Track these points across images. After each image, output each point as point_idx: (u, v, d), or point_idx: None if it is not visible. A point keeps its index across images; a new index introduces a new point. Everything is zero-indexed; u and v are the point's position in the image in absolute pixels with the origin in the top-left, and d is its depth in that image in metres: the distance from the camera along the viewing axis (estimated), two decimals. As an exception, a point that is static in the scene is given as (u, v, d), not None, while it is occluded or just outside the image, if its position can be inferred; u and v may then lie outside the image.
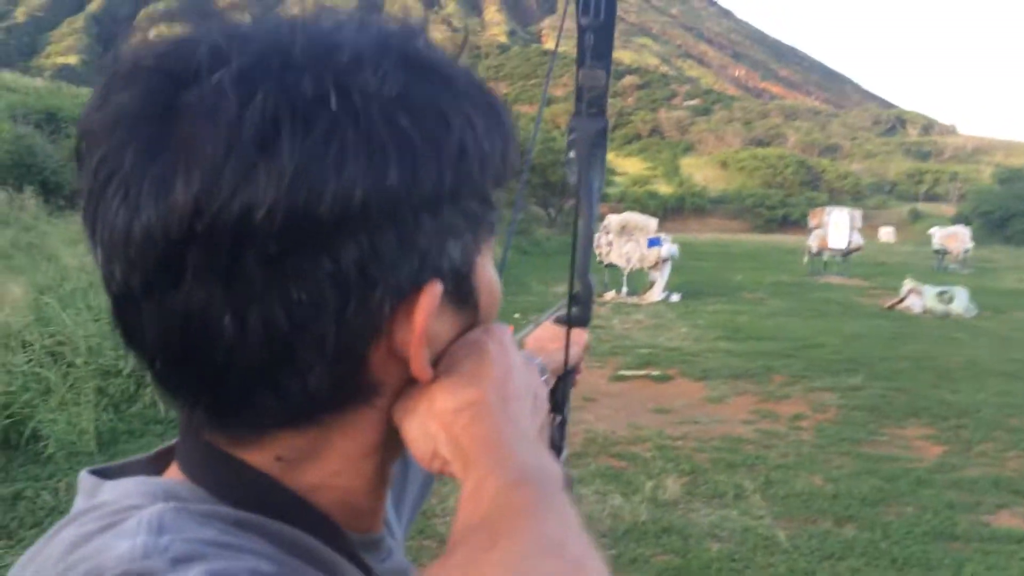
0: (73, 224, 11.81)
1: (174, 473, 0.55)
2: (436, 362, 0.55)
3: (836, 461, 6.11)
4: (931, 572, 4.24)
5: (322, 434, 0.53)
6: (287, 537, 0.51)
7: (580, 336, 1.26)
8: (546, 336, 1.24)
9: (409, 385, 0.54)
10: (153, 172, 0.44)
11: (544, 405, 0.63)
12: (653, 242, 16.73)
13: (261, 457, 0.53)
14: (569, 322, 1.19)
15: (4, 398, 5.43)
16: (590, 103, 1.13)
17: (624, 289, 16.56)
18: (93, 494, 0.53)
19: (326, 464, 0.54)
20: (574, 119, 1.21)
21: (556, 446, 1.18)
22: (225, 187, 0.44)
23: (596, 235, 17.55)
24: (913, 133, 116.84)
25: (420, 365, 0.52)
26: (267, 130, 0.44)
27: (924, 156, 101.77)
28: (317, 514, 0.54)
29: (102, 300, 7.56)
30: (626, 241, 16.89)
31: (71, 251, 9.81)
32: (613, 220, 17.36)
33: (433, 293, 0.51)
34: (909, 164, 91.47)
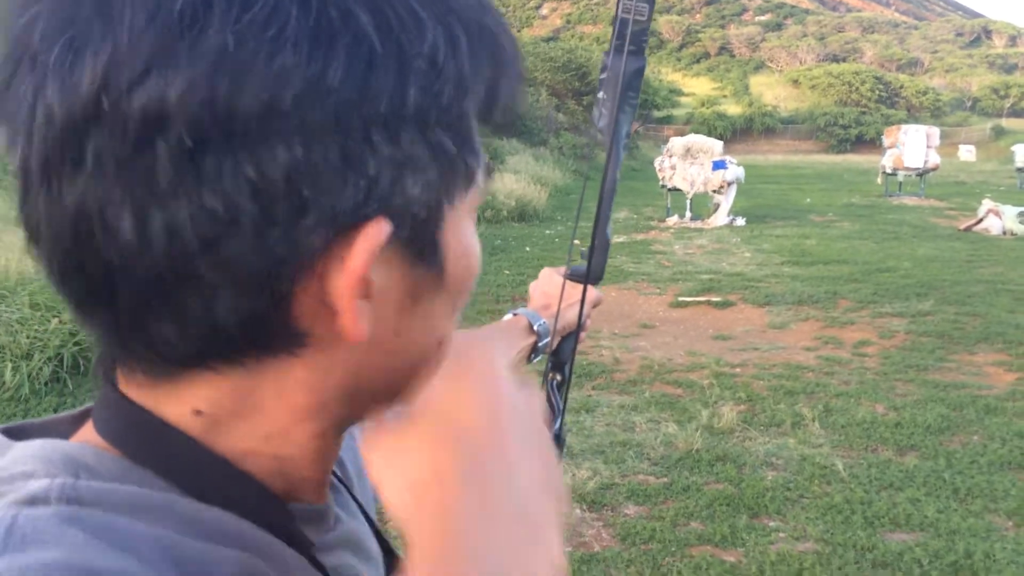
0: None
1: (87, 433, 0.48)
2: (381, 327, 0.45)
3: (900, 389, 5.93)
4: (995, 503, 4.09)
5: (243, 386, 0.45)
6: (194, 516, 0.44)
7: (590, 293, 1.16)
8: (552, 292, 1.13)
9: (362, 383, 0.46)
10: (62, 42, 0.38)
11: (548, 441, 0.52)
12: (718, 165, 16.30)
13: (178, 410, 0.45)
14: (586, 280, 1.09)
15: (71, 326, 5.59)
16: (631, 38, 1.01)
17: (688, 214, 16.24)
18: None
19: (253, 426, 0.46)
20: (608, 56, 1.08)
21: (553, 407, 1.09)
22: (139, 61, 0.37)
23: (659, 159, 17.21)
24: (999, 44, 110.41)
25: (352, 321, 0.42)
26: (198, 1, 0.37)
27: (1010, 69, 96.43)
28: (247, 480, 0.46)
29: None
30: (690, 164, 16.48)
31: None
32: (676, 143, 16.93)
33: (377, 231, 0.41)
34: (993, 77, 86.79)
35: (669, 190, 16.73)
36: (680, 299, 8.92)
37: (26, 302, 5.67)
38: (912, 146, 21.46)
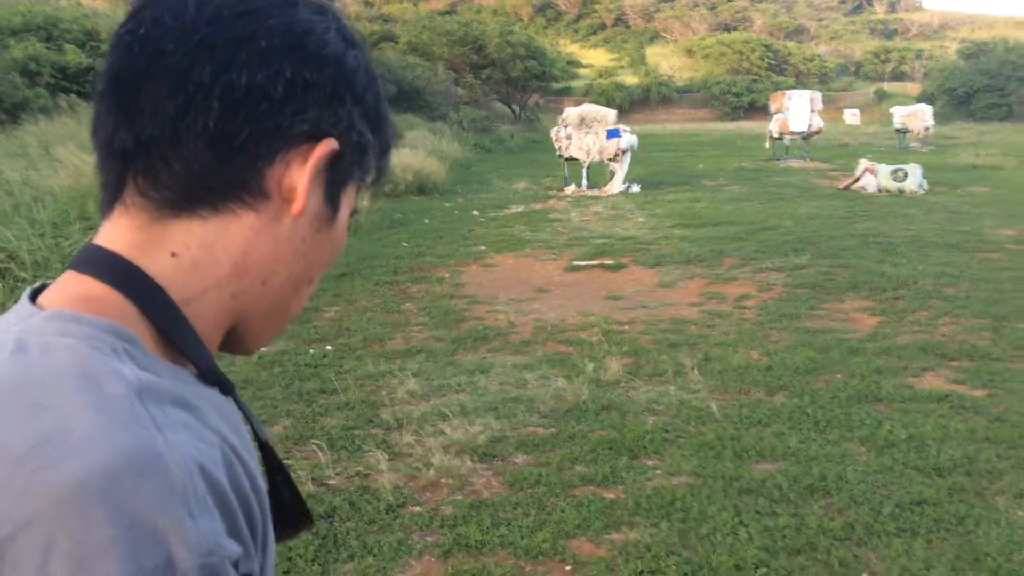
0: (15, 138, 11.54)
1: (100, 297, 0.60)
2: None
3: (774, 336, 6.32)
4: (851, 432, 4.47)
5: (208, 235, 0.62)
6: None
7: None
8: None
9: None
10: None
11: None
12: (612, 133, 16.65)
13: (159, 254, 0.62)
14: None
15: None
16: None
17: (584, 182, 16.57)
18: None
19: (201, 275, 0.62)
20: None
21: None
22: None
23: (555, 129, 17.48)
24: (879, 11, 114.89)
25: (301, 196, 0.63)
26: None
27: (890, 34, 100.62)
28: (189, 325, 0.62)
29: (47, 215, 7.51)
30: (585, 133, 16.80)
31: (13, 165, 9.62)
32: (571, 113, 17.22)
33: (331, 143, 0.64)
34: (875, 43, 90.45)
35: (566, 160, 17.03)
36: (574, 263, 9.19)
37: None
38: (796, 111, 22.35)
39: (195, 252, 0.62)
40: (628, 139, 16.68)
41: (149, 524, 0.47)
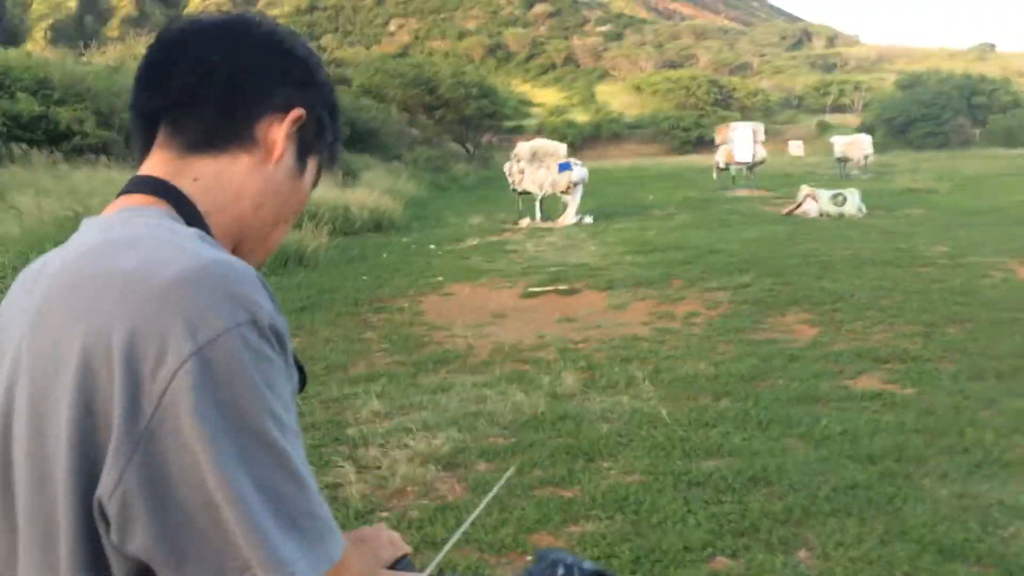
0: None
1: (151, 202, 0.87)
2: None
3: (721, 348, 6.64)
4: (791, 429, 4.77)
5: (218, 167, 0.88)
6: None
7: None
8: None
9: None
10: None
11: None
12: (564, 167, 17.11)
13: (186, 179, 0.88)
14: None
15: None
16: None
17: (538, 215, 16.94)
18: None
19: (213, 196, 0.89)
20: None
21: None
22: None
23: (508, 164, 17.88)
24: (819, 46, 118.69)
25: (280, 146, 0.91)
26: None
27: (830, 68, 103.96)
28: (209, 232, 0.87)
29: (3, 259, 7.58)
30: (537, 168, 17.22)
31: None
32: (523, 147, 17.66)
33: (301, 112, 0.93)
34: (815, 77, 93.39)
35: (520, 194, 17.42)
36: (530, 290, 9.47)
37: None
38: (740, 142, 23.11)
39: (210, 179, 0.89)
40: (579, 172, 17.14)
41: (236, 295, 0.72)
